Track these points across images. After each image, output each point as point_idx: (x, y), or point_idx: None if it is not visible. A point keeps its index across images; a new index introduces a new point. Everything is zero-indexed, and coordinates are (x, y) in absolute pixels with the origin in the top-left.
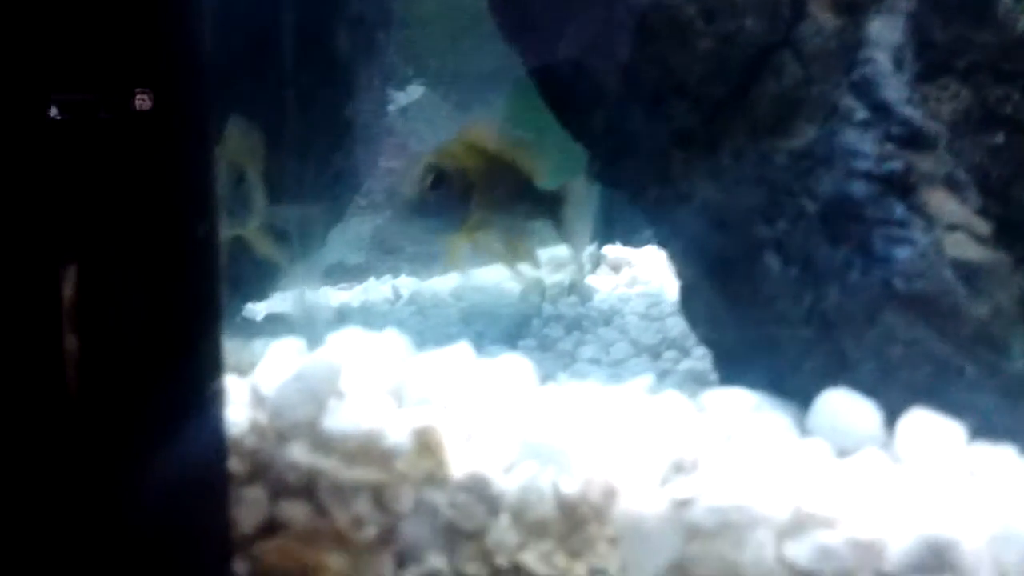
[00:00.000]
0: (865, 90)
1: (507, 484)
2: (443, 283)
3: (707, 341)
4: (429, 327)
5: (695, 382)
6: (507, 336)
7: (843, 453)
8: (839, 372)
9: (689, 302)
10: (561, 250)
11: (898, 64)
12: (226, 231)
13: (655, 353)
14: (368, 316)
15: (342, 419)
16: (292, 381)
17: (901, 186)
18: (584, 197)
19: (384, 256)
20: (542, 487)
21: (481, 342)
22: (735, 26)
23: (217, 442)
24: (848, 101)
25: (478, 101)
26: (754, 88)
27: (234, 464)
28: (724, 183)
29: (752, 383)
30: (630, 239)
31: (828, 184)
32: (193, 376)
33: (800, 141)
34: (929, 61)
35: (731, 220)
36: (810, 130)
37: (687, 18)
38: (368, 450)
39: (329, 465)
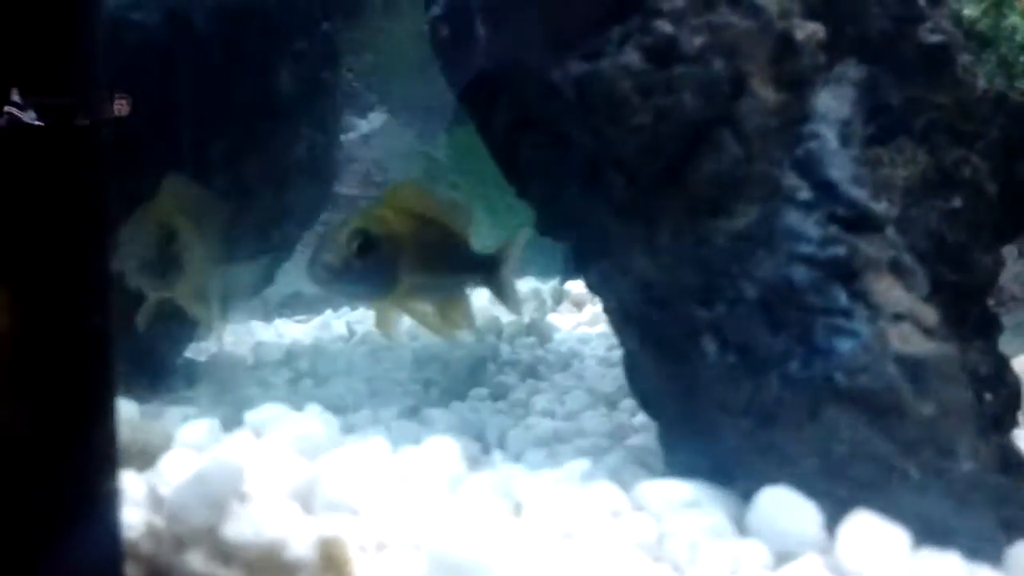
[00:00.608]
0: (809, 168)
1: None
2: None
3: (650, 414)
4: (378, 373)
5: (645, 450)
6: (458, 385)
7: (782, 557)
8: (781, 465)
9: (632, 373)
10: (522, 285)
11: (845, 139)
12: (155, 292)
13: (611, 403)
14: (316, 358)
15: (243, 526)
16: (192, 483)
17: (845, 272)
18: (519, 257)
19: None
20: None
21: (428, 392)
22: (671, 102)
23: (111, 547)
24: (791, 180)
25: (440, 129)
26: (692, 165)
27: (130, 570)
28: (662, 261)
29: (694, 464)
30: None
31: (768, 268)
32: (86, 474)
33: (740, 222)
34: (884, 124)
35: (669, 299)
36: (750, 210)
37: (622, 93)
38: (270, 562)
39: None
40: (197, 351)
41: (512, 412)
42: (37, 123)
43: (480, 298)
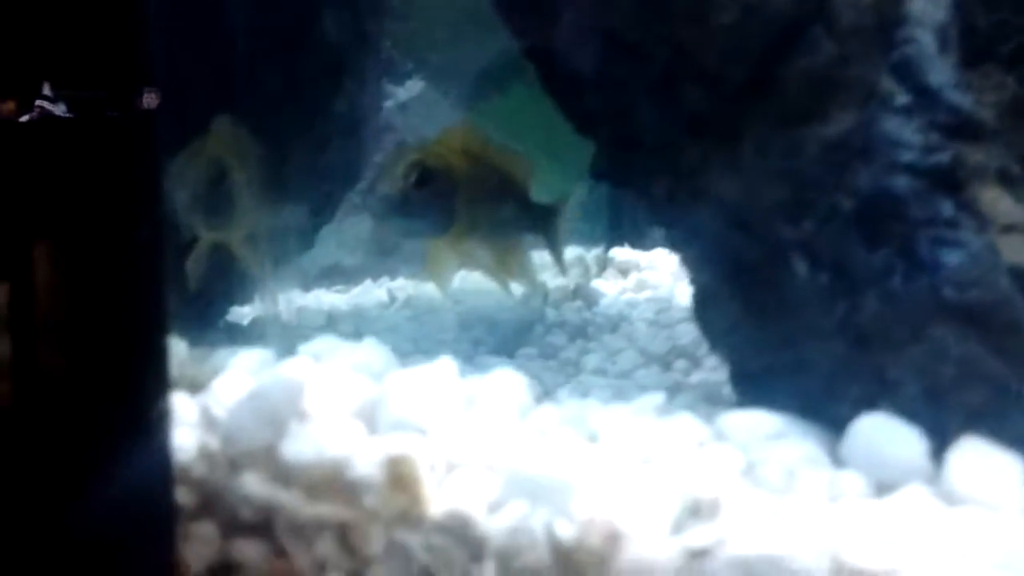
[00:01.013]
0: (907, 72)
1: (493, 525)
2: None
3: (725, 356)
4: (423, 334)
5: (708, 400)
6: (507, 344)
7: (882, 487)
8: (878, 394)
9: (705, 312)
10: (566, 253)
11: (943, 45)
12: (206, 236)
13: (664, 363)
14: (359, 321)
15: (304, 446)
16: (248, 401)
17: (949, 181)
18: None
19: (382, 257)
20: (534, 530)
21: (478, 351)
22: None
23: (162, 470)
24: (888, 84)
25: (478, 97)
26: (781, 69)
27: (182, 495)
28: (745, 178)
29: (776, 405)
30: (639, 241)
31: (865, 178)
32: (136, 395)
33: (833, 129)
34: (972, 48)
35: (752, 220)
36: (845, 117)
37: None
38: (333, 482)
39: (288, 499)
40: (239, 315)
41: (563, 370)
42: (67, 116)
43: None
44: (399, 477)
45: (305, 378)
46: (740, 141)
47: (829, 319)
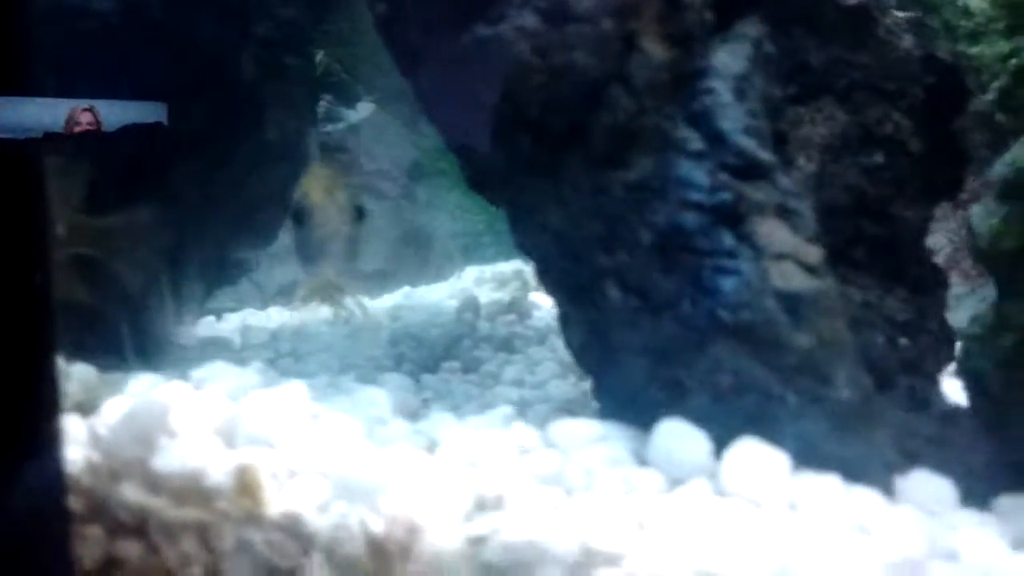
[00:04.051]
0: (701, 121)
1: (320, 523)
2: (390, 300)
3: (581, 367)
4: (354, 350)
5: (572, 410)
6: (432, 358)
7: (676, 483)
8: (678, 401)
9: (565, 329)
10: (506, 266)
11: (739, 93)
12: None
13: (582, 372)
14: (297, 339)
15: (169, 458)
16: (124, 420)
17: (731, 216)
18: None
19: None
20: (352, 526)
21: (402, 367)
22: (565, 60)
23: (56, 481)
24: (683, 132)
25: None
26: (590, 120)
27: (74, 503)
28: (569, 212)
29: (618, 410)
30: None
31: (662, 215)
32: (31, 418)
33: (635, 173)
34: (804, 84)
35: (578, 249)
36: (645, 161)
37: (520, 53)
38: (193, 489)
39: (158, 504)
40: (186, 336)
41: (482, 383)
42: None
43: (465, 280)
44: (246, 484)
45: (175, 401)
46: (562, 181)
47: (638, 337)
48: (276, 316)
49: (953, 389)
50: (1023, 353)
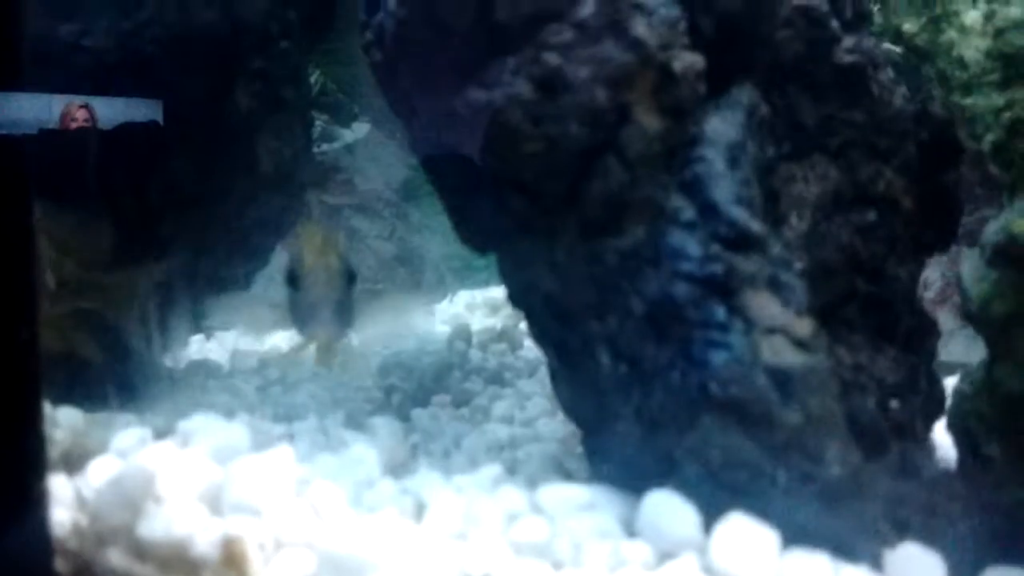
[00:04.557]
0: (694, 190)
1: None
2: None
3: (572, 422)
4: (341, 382)
5: (556, 465)
6: (423, 390)
7: (664, 556)
8: (668, 471)
9: (554, 383)
10: (497, 292)
11: (732, 162)
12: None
13: None
14: (286, 366)
15: (155, 525)
16: (109, 485)
17: (723, 288)
18: None
19: None
20: None
21: (391, 399)
22: (559, 130)
23: (43, 543)
24: (676, 202)
25: None
26: (583, 188)
27: (60, 565)
28: (561, 277)
29: (607, 469)
30: None
31: (654, 284)
32: (19, 479)
33: (628, 240)
34: (798, 142)
35: (569, 313)
36: (638, 230)
37: (514, 121)
38: (179, 558)
39: (144, 572)
40: (175, 359)
41: (472, 419)
42: None
43: (457, 305)
44: (232, 555)
45: (164, 465)
46: (556, 245)
47: (629, 404)
48: (267, 338)
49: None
50: (1013, 416)
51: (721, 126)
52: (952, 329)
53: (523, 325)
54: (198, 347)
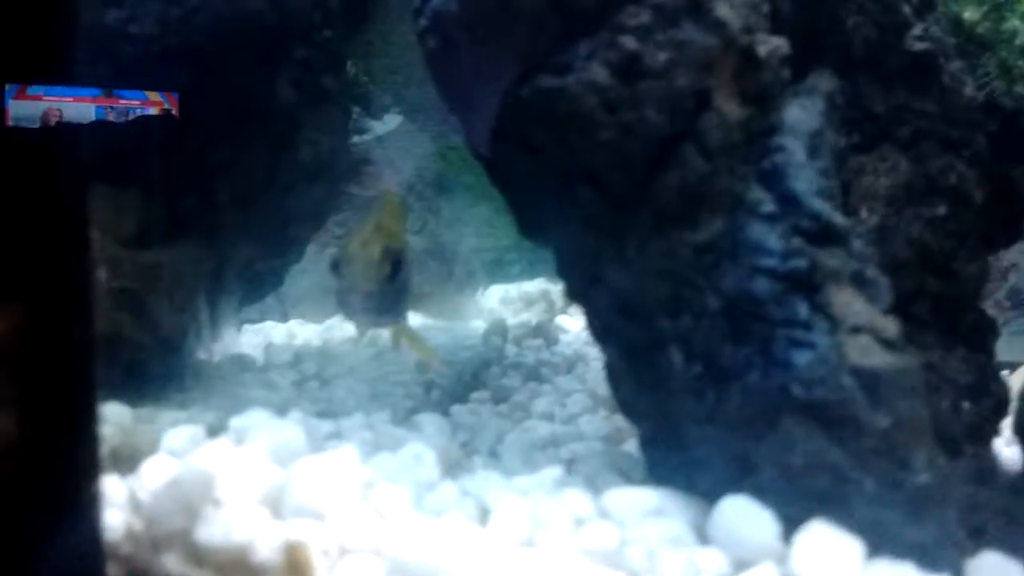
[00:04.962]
0: (774, 181)
1: None
2: (411, 319)
3: (631, 421)
4: (380, 375)
5: (629, 459)
6: (461, 386)
7: (740, 564)
8: (743, 474)
9: (613, 381)
10: (532, 286)
11: (813, 151)
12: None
13: (612, 406)
14: (322, 360)
15: (214, 530)
16: (166, 488)
17: (806, 285)
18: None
19: None
20: None
21: (431, 395)
22: (636, 117)
23: (95, 547)
24: (756, 193)
25: (454, 131)
26: (658, 179)
27: (112, 571)
28: (631, 272)
29: (669, 471)
30: None
31: (732, 280)
32: (71, 479)
33: (704, 234)
34: (868, 132)
35: (638, 310)
36: (716, 223)
37: (588, 109)
38: (239, 564)
39: None
40: (210, 352)
41: (512, 415)
42: None
43: (490, 299)
44: (295, 562)
45: (221, 466)
46: (626, 239)
47: (702, 405)
48: (299, 331)
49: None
50: None
51: (801, 114)
52: None
53: (559, 320)
54: (231, 340)
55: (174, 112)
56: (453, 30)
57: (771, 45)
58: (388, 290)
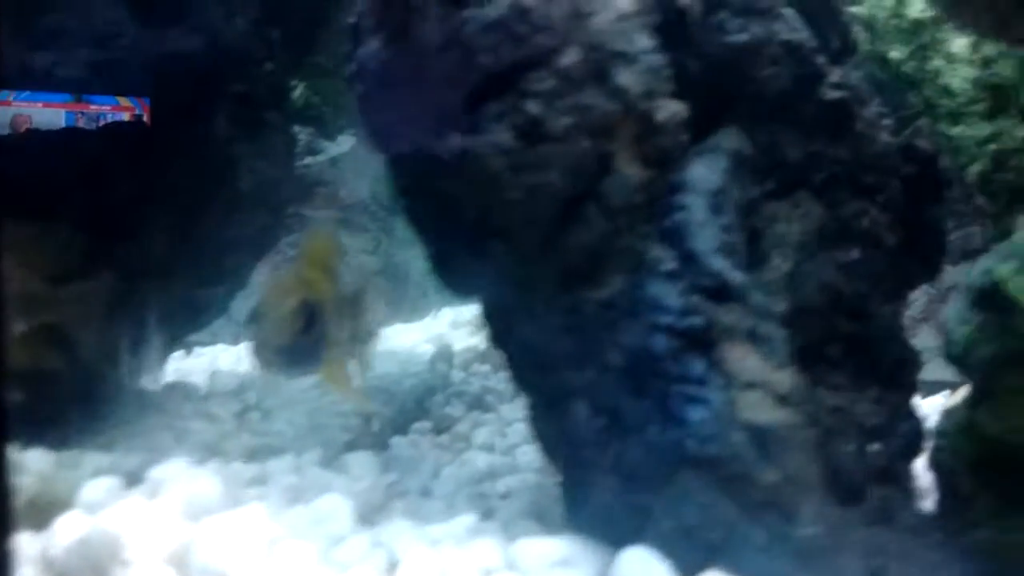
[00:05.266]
0: (675, 239)
1: None
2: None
3: (549, 462)
4: (324, 403)
5: (534, 511)
6: (403, 415)
7: None
8: (644, 525)
9: (533, 426)
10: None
11: (715, 209)
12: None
13: None
14: (262, 392)
15: None
16: (77, 546)
17: (702, 341)
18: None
19: None
20: None
21: (370, 425)
22: (539, 179)
23: None
24: (657, 251)
25: None
26: (564, 237)
27: None
28: (540, 326)
29: (584, 518)
30: None
31: (632, 337)
32: None
33: (608, 291)
34: (783, 179)
35: (547, 363)
36: (618, 280)
37: (494, 170)
38: None
39: None
40: (152, 380)
41: (452, 446)
42: None
43: (441, 322)
44: None
45: (131, 523)
46: (535, 294)
47: (606, 457)
48: (247, 356)
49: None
50: (993, 458)
51: (704, 172)
52: (933, 347)
53: None
54: (177, 365)
55: (145, 118)
56: (373, 83)
57: (670, 110)
58: (303, 342)
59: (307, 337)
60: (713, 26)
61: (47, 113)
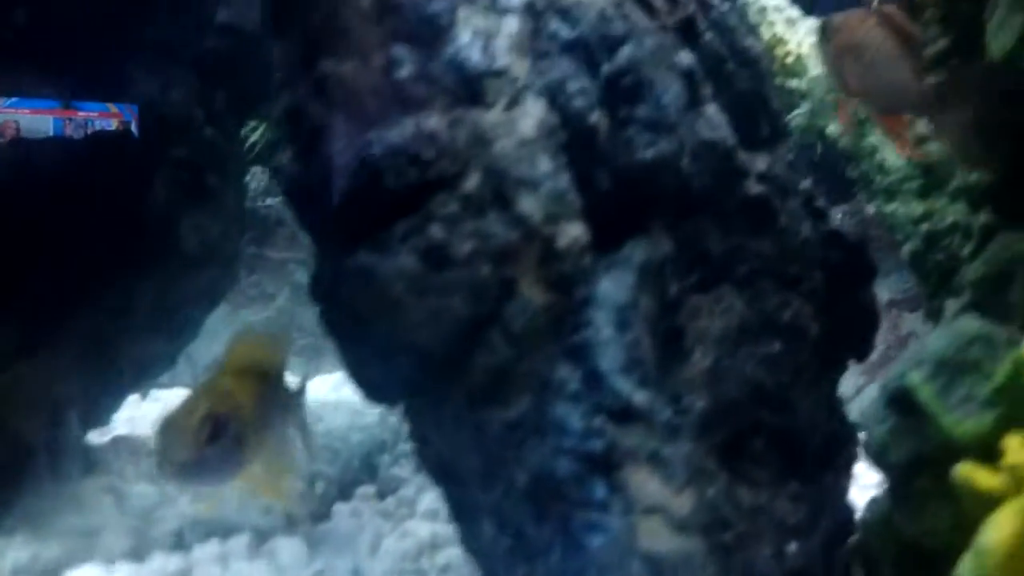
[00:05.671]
0: (580, 358)
1: None
2: (320, 385)
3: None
4: None
5: None
6: (348, 476)
7: None
8: None
9: (455, 522)
10: None
11: (621, 325)
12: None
13: None
14: None
15: None
16: None
17: (604, 465)
18: None
19: None
20: None
21: (314, 489)
22: (442, 304)
23: None
24: (562, 372)
25: None
26: (468, 359)
27: None
28: (448, 441)
29: None
30: None
31: (537, 458)
32: None
33: (513, 412)
34: (706, 273)
35: (457, 477)
36: (523, 401)
37: (397, 292)
38: None
39: None
40: (102, 432)
41: (396, 513)
42: None
43: None
44: None
45: None
46: (444, 410)
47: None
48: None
49: None
50: (908, 560)
51: (611, 288)
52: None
53: None
54: (131, 413)
55: (134, 126)
56: (292, 190)
57: (571, 236)
58: (211, 453)
59: (216, 448)
60: (621, 142)
61: (35, 120)
